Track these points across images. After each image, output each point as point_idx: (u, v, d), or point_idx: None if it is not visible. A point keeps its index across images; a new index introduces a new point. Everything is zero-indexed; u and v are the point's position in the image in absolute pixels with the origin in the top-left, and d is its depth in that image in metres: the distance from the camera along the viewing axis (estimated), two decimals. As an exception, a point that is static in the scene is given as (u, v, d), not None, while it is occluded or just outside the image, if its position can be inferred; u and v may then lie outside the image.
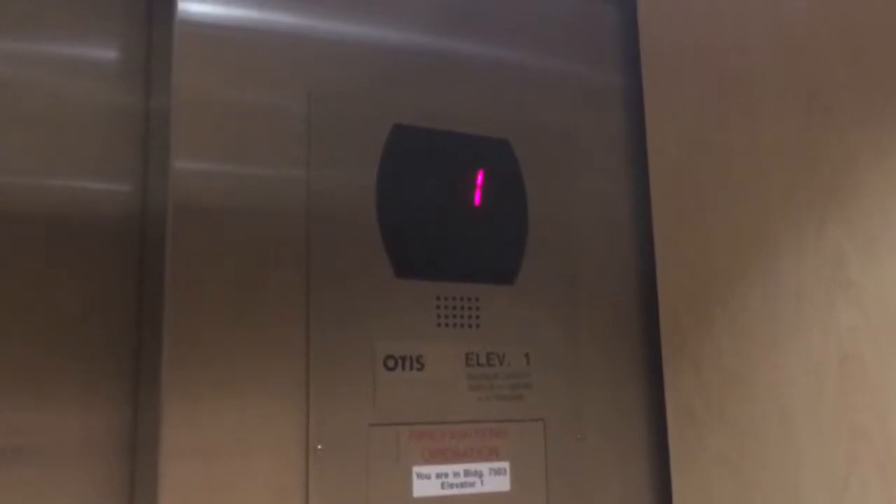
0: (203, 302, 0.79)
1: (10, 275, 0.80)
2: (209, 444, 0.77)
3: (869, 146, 0.77)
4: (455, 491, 0.87)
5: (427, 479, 0.85)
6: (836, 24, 0.81)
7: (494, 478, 0.89)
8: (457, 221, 0.92)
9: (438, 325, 0.89)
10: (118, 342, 0.83)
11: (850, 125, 0.79)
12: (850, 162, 0.79)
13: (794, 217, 0.83)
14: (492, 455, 0.89)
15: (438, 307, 0.90)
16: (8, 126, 0.82)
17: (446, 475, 0.86)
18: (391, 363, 0.86)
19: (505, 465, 0.89)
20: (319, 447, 0.81)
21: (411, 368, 0.87)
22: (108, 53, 0.88)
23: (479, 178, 0.94)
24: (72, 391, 0.81)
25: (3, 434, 0.78)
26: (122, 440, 0.81)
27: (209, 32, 0.83)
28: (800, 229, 0.83)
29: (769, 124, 0.87)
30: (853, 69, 0.79)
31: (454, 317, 0.90)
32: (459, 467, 0.87)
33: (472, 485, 0.87)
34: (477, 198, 0.94)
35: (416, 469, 0.85)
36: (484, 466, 0.88)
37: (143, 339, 0.83)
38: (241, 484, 0.78)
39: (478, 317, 0.91)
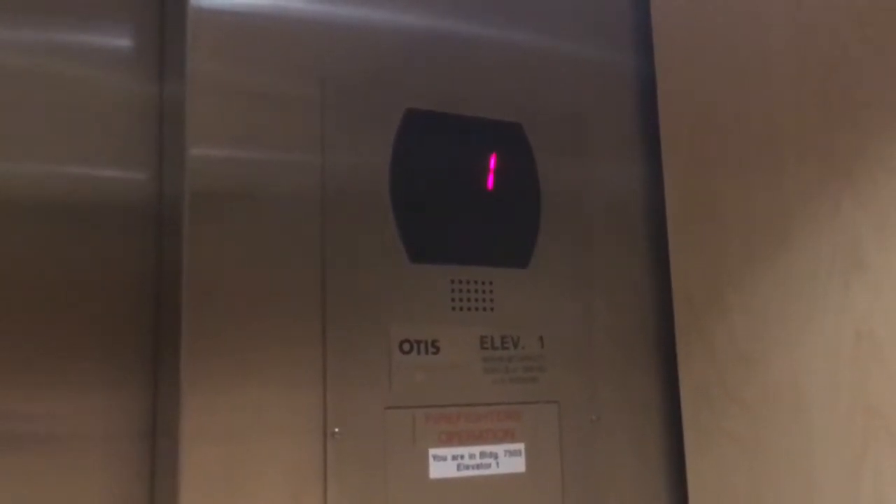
0: (220, 288, 0.79)
1: (29, 264, 0.81)
2: (229, 430, 0.78)
3: (885, 127, 0.77)
4: (471, 472, 0.87)
5: (443, 461, 0.86)
6: (850, 2, 0.80)
7: (510, 459, 0.89)
8: (470, 205, 0.92)
9: (453, 308, 0.90)
10: (138, 327, 0.83)
11: (866, 105, 0.79)
12: (865, 143, 0.78)
13: (810, 198, 0.83)
14: (507, 437, 0.90)
15: (453, 291, 0.90)
16: (20, 114, 0.83)
17: (462, 457, 0.87)
18: (406, 347, 0.87)
19: (520, 446, 0.90)
20: (336, 431, 0.82)
21: (426, 352, 0.87)
22: (121, 40, 0.88)
23: (492, 161, 0.94)
24: (92, 378, 0.81)
25: (26, 421, 0.79)
26: (142, 425, 0.82)
27: (222, 18, 0.83)
28: (815, 210, 0.83)
29: (784, 105, 0.87)
30: (869, 48, 0.79)
31: (468, 300, 0.91)
32: (475, 449, 0.88)
33: (487, 466, 0.88)
34: (490, 182, 0.94)
35: (433, 451, 0.86)
36: (499, 448, 0.89)
37: (161, 325, 0.84)
38: (260, 467, 0.78)
39: (492, 300, 0.91)
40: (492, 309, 0.91)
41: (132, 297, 0.84)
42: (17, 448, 0.78)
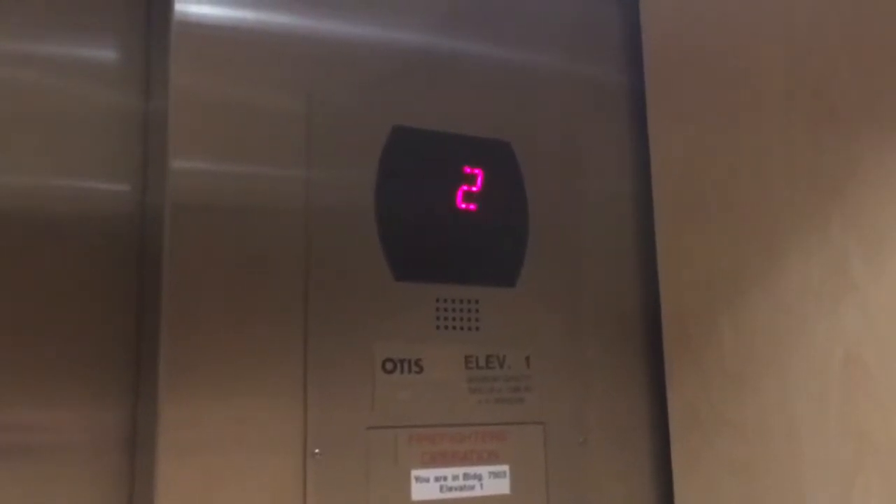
0: (201, 302, 0.78)
1: (10, 273, 0.80)
2: (207, 445, 0.77)
3: (873, 148, 0.76)
4: (454, 494, 0.86)
5: (426, 483, 0.85)
6: (841, 25, 0.80)
7: (494, 481, 0.88)
8: (457, 223, 0.92)
9: (438, 327, 0.89)
10: (117, 341, 0.83)
11: (855, 126, 0.78)
12: (854, 163, 0.78)
13: (799, 219, 0.83)
14: (491, 458, 0.88)
15: (438, 309, 0.89)
16: (7, 126, 0.82)
17: (445, 478, 0.86)
18: (390, 366, 0.85)
19: (505, 468, 0.89)
20: (317, 451, 0.80)
21: (410, 371, 0.86)
22: (107, 54, 0.88)
23: (480, 180, 0.93)
24: (71, 389, 0.81)
25: (6, 432, 0.78)
26: (121, 438, 0.81)
27: (207, 33, 0.83)
28: (804, 231, 0.82)
29: (773, 126, 0.86)
30: (858, 70, 0.78)
31: (454, 319, 0.89)
32: (459, 470, 0.86)
33: (471, 488, 0.87)
34: (477, 200, 0.93)
35: (415, 472, 0.85)
36: (483, 469, 0.88)
37: (142, 338, 0.83)
38: (238, 484, 0.77)
39: (477, 319, 0.90)
40: (477, 328, 0.90)
41: (115, 308, 0.83)
42: (-3, 458, 0.77)
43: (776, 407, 0.83)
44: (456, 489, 0.86)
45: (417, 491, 0.84)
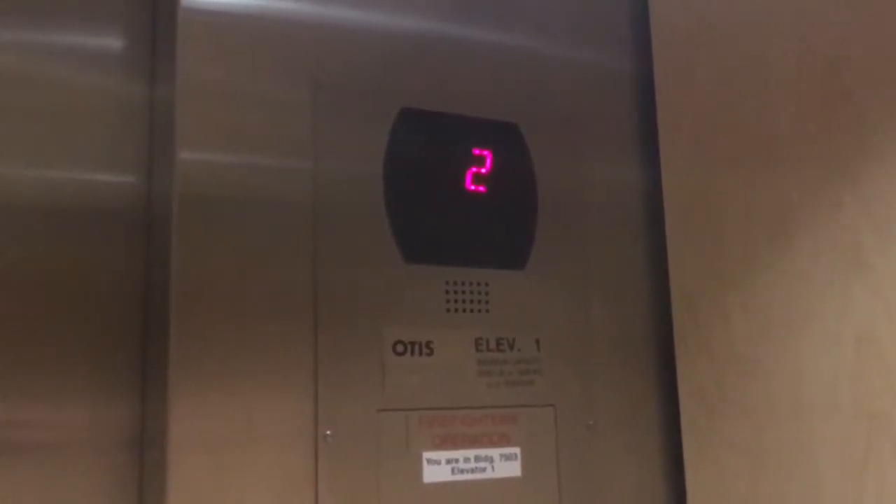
0: (210, 291, 0.78)
1: (16, 268, 0.80)
2: (217, 435, 0.77)
3: (886, 128, 0.75)
4: (466, 476, 0.86)
5: (437, 465, 0.85)
6: (853, 4, 0.79)
7: (505, 463, 0.88)
8: (466, 206, 0.91)
9: (448, 310, 0.89)
10: (125, 335, 0.83)
11: (868, 106, 0.77)
12: (867, 143, 0.77)
13: (810, 199, 0.82)
14: (502, 441, 0.89)
15: (448, 292, 0.89)
16: (10, 116, 0.82)
17: (457, 461, 0.86)
18: (400, 348, 0.86)
19: (516, 450, 0.89)
20: (328, 433, 0.81)
21: (420, 354, 0.86)
22: (112, 42, 0.88)
23: (488, 162, 0.93)
24: (79, 385, 0.80)
25: (12, 429, 0.78)
26: (130, 433, 0.81)
27: (213, 20, 0.83)
28: (815, 211, 0.81)
29: (784, 106, 0.85)
30: (872, 49, 0.77)
31: (464, 302, 0.89)
32: (470, 453, 0.87)
33: (482, 470, 0.87)
34: (486, 182, 0.93)
35: (427, 455, 0.85)
36: (494, 452, 0.88)
37: (149, 331, 0.83)
38: (249, 473, 0.77)
39: (487, 302, 0.90)
40: (487, 311, 0.90)
41: (121, 302, 0.83)
42: (5, 456, 0.77)
43: (787, 389, 0.83)
44: (467, 471, 0.86)
45: (429, 473, 0.85)
